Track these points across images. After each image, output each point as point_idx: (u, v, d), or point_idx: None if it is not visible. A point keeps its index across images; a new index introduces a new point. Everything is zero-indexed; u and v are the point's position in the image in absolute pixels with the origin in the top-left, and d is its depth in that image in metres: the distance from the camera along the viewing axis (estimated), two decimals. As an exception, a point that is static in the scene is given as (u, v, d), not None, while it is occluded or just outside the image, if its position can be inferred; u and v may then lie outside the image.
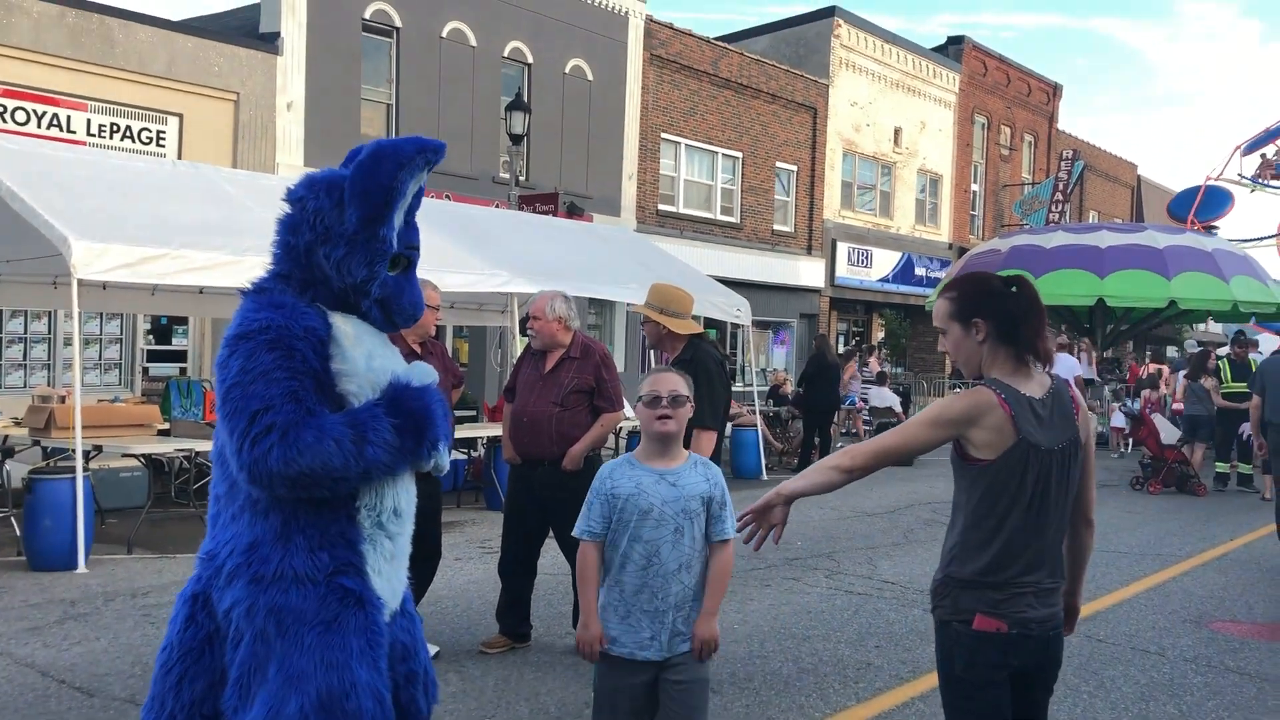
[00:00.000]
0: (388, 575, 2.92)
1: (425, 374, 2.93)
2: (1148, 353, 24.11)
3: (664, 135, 21.46)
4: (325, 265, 2.90)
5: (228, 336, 2.81)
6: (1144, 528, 10.56)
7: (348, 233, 2.88)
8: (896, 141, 27.99)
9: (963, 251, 27.42)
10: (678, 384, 3.34)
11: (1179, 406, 15.55)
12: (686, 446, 3.50)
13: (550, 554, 6.14)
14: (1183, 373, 14.89)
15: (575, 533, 3.34)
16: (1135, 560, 8.78)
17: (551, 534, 5.76)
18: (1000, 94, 31.80)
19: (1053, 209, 30.06)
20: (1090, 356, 19.78)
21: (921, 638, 6.15)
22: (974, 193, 31.49)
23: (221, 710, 2.83)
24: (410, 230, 2.99)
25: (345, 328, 2.87)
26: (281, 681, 2.70)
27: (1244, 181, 29.26)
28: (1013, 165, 32.92)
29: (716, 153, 22.84)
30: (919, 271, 28.55)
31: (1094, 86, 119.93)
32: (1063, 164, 30.59)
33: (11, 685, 4.92)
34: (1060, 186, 30.24)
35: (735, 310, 13.96)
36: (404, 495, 2.96)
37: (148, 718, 2.90)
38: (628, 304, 13.30)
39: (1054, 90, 34.42)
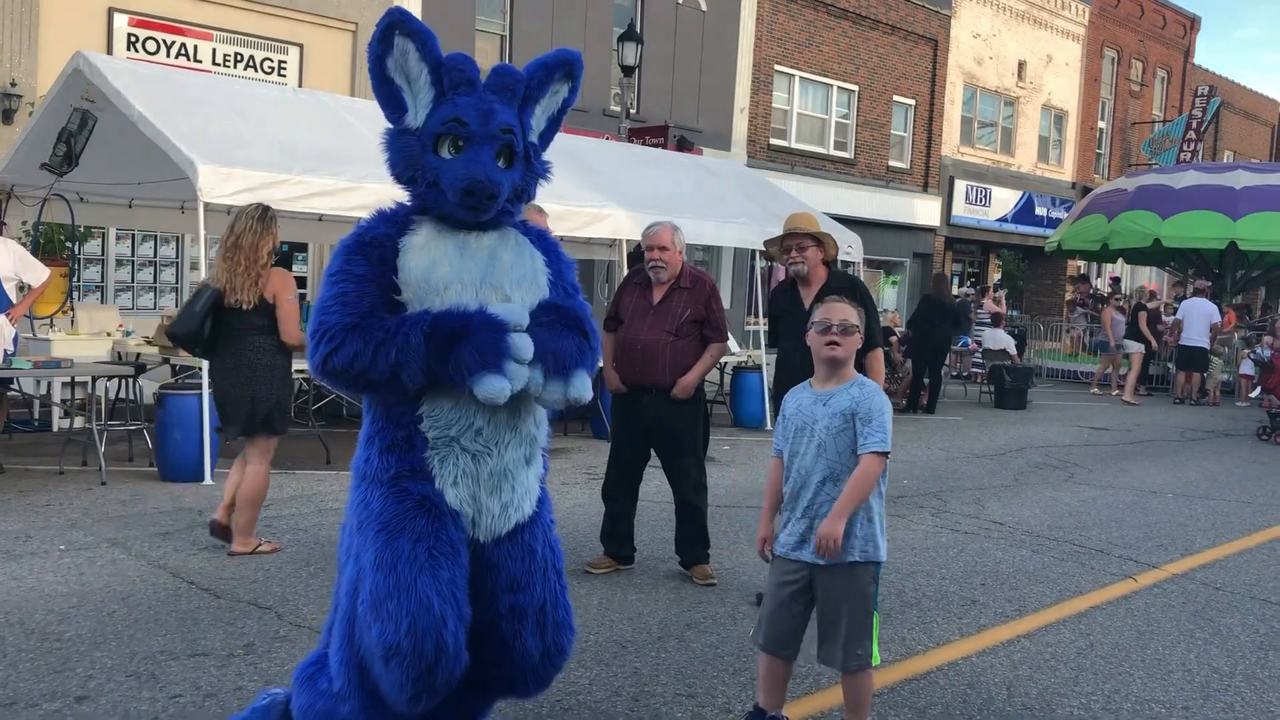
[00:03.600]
0: (471, 491, 2.91)
1: (507, 310, 2.84)
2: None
3: (777, 67, 21.06)
4: (390, 173, 3.06)
5: None
6: (1270, 479, 10.17)
7: (387, 134, 3.05)
8: (1020, 75, 26.98)
9: (1086, 191, 26.43)
10: (848, 313, 3.52)
11: None
12: (860, 369, 3.90)
13: (655, 481, 6.21)
14: None
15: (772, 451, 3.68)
16: (1259, 510, 8.47)
17: (657, 460, 5.80)
18: (1133, 26, 30.33)
19: (1184, 148, 28.74)
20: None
21: (1029, 578, 6.06)
22: (1101, 130, 30.25)
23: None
24: (447, 106, 2.94)
25: (417, 238, 2.94)
26: (356, 574, 2.87)
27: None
28: (1143, 102, 31.48)
29: (832, 85, 22.35)
30: (1039, 211, 27.65)
31: (1236, 18, 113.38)
32: (1197, 100, 29.15)
33: (146, 584, 5.20)
34: (1194, 124, 28.86)
35: (847, 247, 13.71)
36: (490, 416, 2.90)
37: (338, 587, 3.07)
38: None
39: (1191, 23, 32.68)
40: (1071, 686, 4.39)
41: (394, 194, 3.15)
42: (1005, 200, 26.79)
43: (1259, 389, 14.43)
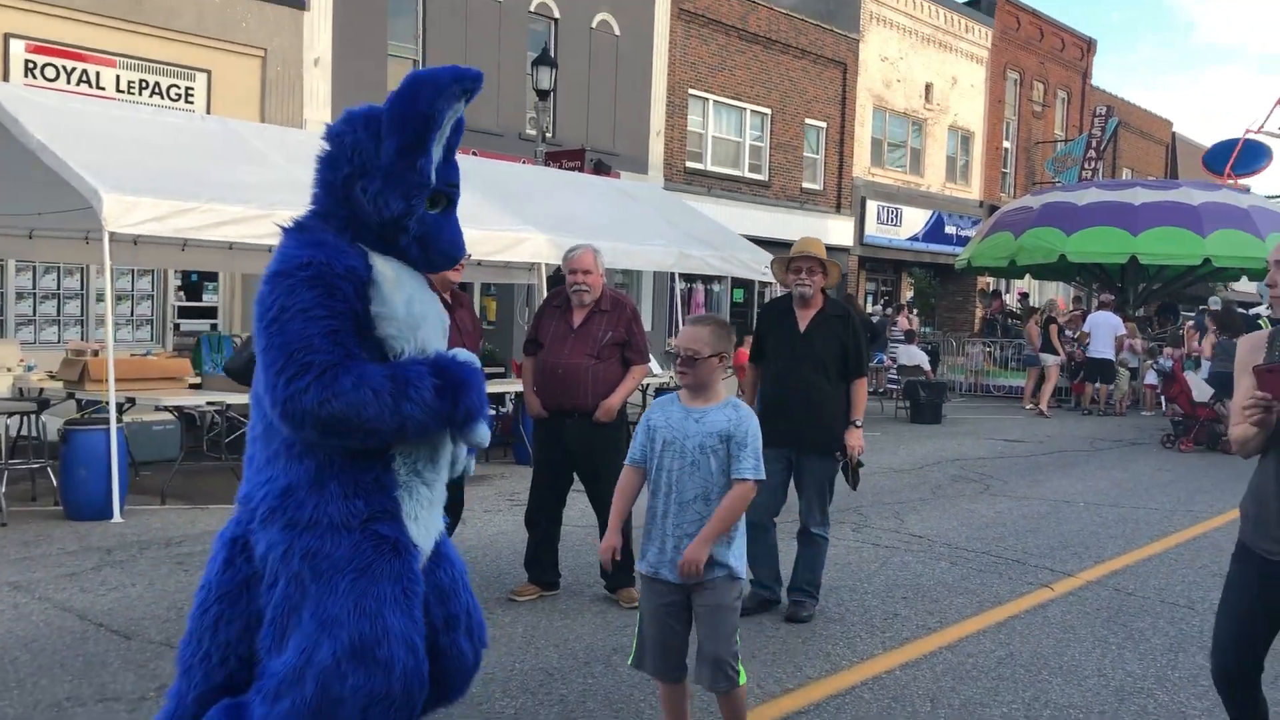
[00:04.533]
0: (424, 521, 2.92)
1: (469, 356, 2.96)
2: (1180, 312, 23.83)
3: (691, 91, 21.27)
4: (363, 200, 2.85)
5: (267, 273, 2.78)
6: (1175, 485, 10.49)
7: (384, 165, 2.83)
8: (928, 97, 27.63)
9: (994, 209, 27.11)
10: (697, 343, 3.49)
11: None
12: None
13: (579, 505, 6.18)
14: (1212, 330, 14.70)
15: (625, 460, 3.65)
16: (1165, 516, 8.73)
17: (579, 484, 5.78)
18: (1033, 49, 31.29)
19: (1086, 166, 29.66)
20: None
21: (949, 590, 6.16)
22: (1006, 150, 31.08)
23: (257, 651, 2.86)
24: (450, 167, 2.94)
25: (386, 270, 2.83)
26: (315, 626, 2.71)
27: (1283, 135, 28.78)
28: (1045, 122, 32.44)
29: (745, 109, 22.62)
30: (949, 230, 28.28)
31: (1129, 41, 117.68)
32: (1096, 120, 30.13)
33: (51, 628, 5.01)
34: (1093, 143, 29.82)
35: (762, 268, 13.87)
36: (440, 444, 2.96)
37: (184, 654, 2.94)
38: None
39: (1088, 45, 33.83)
40: (993, 696, 4.46)
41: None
42: (916, 220, 27.35)
43: (1163, 398, 14.92)
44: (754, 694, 4.37)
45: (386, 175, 2.84)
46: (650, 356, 6.05)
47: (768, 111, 23.09)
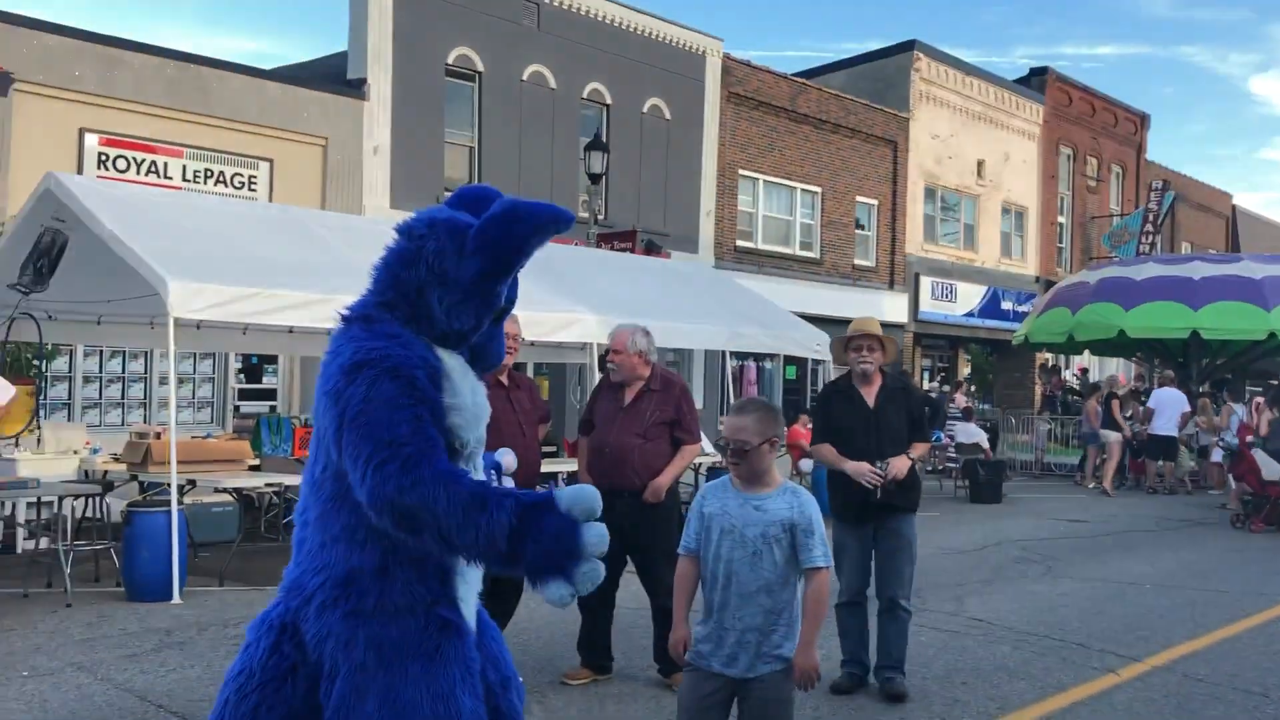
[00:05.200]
0: (469, 600, 2.91)
1: (588, 502, 2.63)
2: (1247, 389, 23.31)
3: (742, 172, 21.51)
4: (436, 307, 2.86)
5: (343, 364, 2.76)
6: (1246, 566, 10.19)
7: (465, 281, 2.85)
8: (980, 174, 27.66)
9: (1050, 284, 26.90)
10: (742, 433, 3.41)
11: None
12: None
13: (631, 587, 6.14)
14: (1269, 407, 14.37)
15: (679, 548, 3.56)
16: (1236, 599, 8.47)
17: (632, 566, 5.76)
18: (1086, 124, 31.28)
19: (1143, 240, 29.39)
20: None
21: (1011, 674, 6.01)
22: (1060, 225, 30.94)
23: None
24: (514, 287, 3.00)
25: (452, 362, 2.87)
26: (390, 714, 2.69)
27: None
28: (1100, 197, 32.29)
29: (795, 188, 22.81)
30: (1005, 305, 28.08)
31: (1184, 115, 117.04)
32: (1152, 194, 29.94)
33: (113, 709, 5.06)
34: (1150, 217, 29.58)
35: (815, 346, 13.87)
36: None
37: None
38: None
39: (1141, 120, 33.75)
40: (1058, 786, 4.33)
41: None
42: (971, 295, 27.21)
43: (1231, 477, 14.53)
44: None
45: (466, 292, 2.86)
46: (702, 436, 6.05)
47: (818, 190, 23.25)
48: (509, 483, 4.02)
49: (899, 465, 5.56)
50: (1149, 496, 16.68)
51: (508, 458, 3.56)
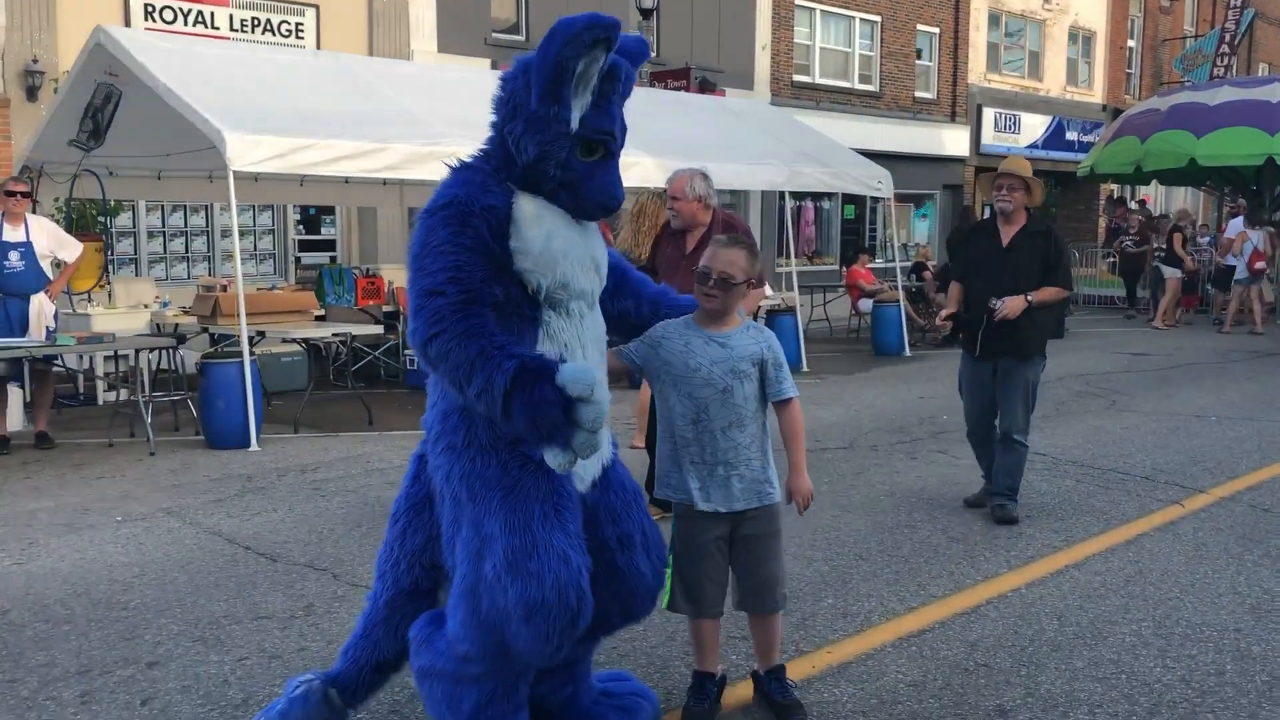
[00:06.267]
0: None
1: (581, 379, 2.78)
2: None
3: (798, 2, 20.72)
4: (509, 142, 2.94)
5: (422, 210, 2.94)
6: (1314, 397, 10.06)
7: (529, 111, 2.89)
8: (1046, -3, 26.39)
9: (1118, 113, 25.91)
10: (732, 266, 3.32)
11: None
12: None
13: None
14: None
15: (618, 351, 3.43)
16: (1305, 430, 8.40)
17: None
18: (1161, -61, 29.53)
19: (1218, 63, 28.01)
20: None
21: (1075, 508, 6.06)
22: (1130, 49, 29.58)
23: (441, 562, 3.07)
24: (603, 116, 2.93)
25: (527, 207, 2.90)
26: (478, 542, 2.87)
27: None
28: (1174, 18, 30.72)
29: (853, 17, 21.97)
30: (1070, 136, 27.18)
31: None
32: (1230, 13, 28.38)
33: (203, 551, 5.30)
34: (1227, 38, 28.12)
35: (876, 183, 13.59)
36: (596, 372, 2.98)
37: (381, 560, 3.19)
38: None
39: (1222, -69, 31.77)
40: (1123, 614, 4.40)
41: (419, 152, 2.99)
42: (1035, 126, 26.34)
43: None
44: (877, 613, 4.40)
45: (529, 121, 2.90)
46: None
47: (877, 19, 22.38)
48: None
49: (1010, 305, 5.61)
50: (1216, 329, 16.41)
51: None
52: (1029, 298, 5.66)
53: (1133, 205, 26.53)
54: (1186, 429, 8.44)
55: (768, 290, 6.71)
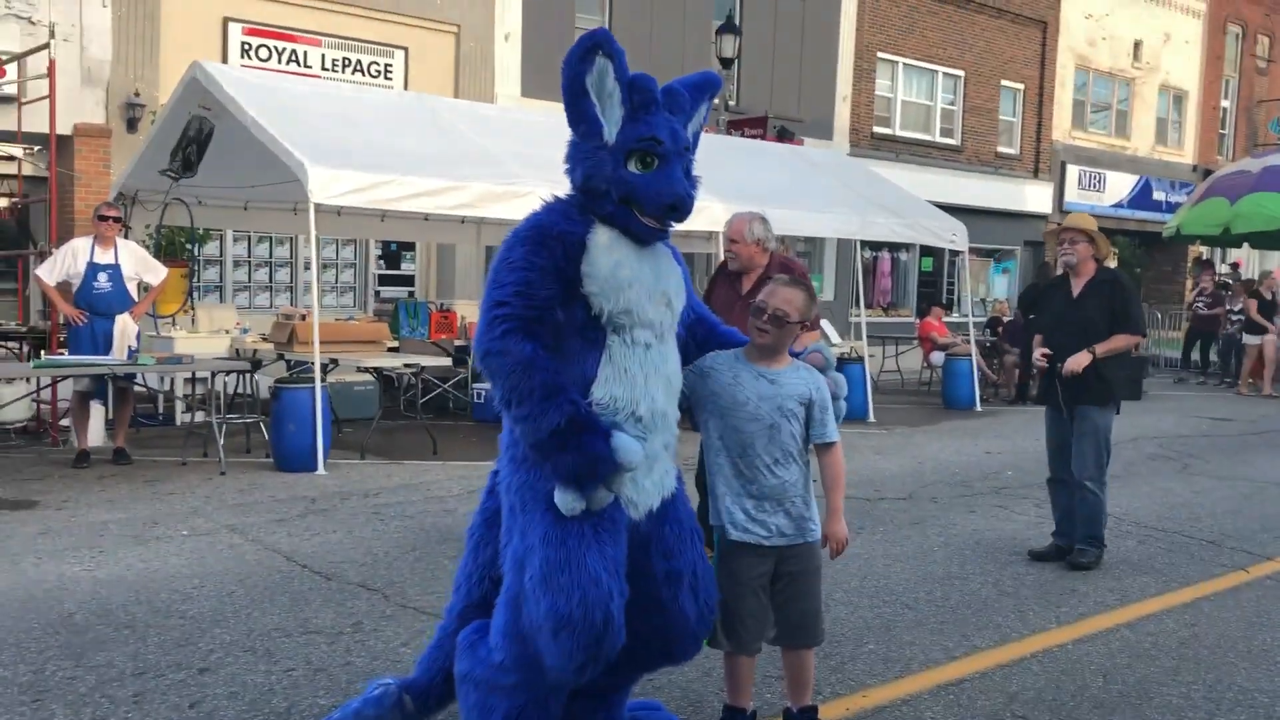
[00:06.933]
0: (634, 475, 3.05)
1: (634, 450, 2.92)
2: None
3: (880, 54, 20.79)
4: (569, 177, 3.13)
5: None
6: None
7: (570, 142, 3.11)
8: (1136, 56, 26.09)
9: (1208, 173, 25.43)
10: (788, 304, 3.36)
11: None
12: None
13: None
14: None
15: None
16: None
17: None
18: (1257, 0, 29.05)
19: (1315, 126, 27.40)
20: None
21: (1134, 569, 5.94)
22: (1224, 109, 29.05)
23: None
24: (639, 124, 3.04)
25: (602, 236, 3.05)
26: (523, 552, 2.97)
27: None
28: (1271, 79, 30.10)
29: (936, 71, 21.95)
30: (1158, 196, 26.70)
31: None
32: (1328, 75, 27.78)
33: (262, 567, 5.46)
34: (1324, 100, 27.51)
35: (950, 235, 13.53)
36: (648, 403, 3.07)
37: (458, 574, 3.33)
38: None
39: (1321, -7, 31.13)
40: (1172, 676, 4.31)
41: (494, 191, 3.13)
42: (1121, 185, 25.94)
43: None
44: (917, 661, 4.37)
45: (571, 149, 3.11)
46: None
47: (961, 74, 22.33)
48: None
49: (1074, 361, 5.81)
50: (1303, 397, 15.93)
51: (814, 356, 3.58)
52: (1096, 349, 5.79)
53: (1223, 268, 25.96)
54: (1261, 495, 8.22)
55: (832, 335, 6.73)
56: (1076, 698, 4.04)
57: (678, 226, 3.16)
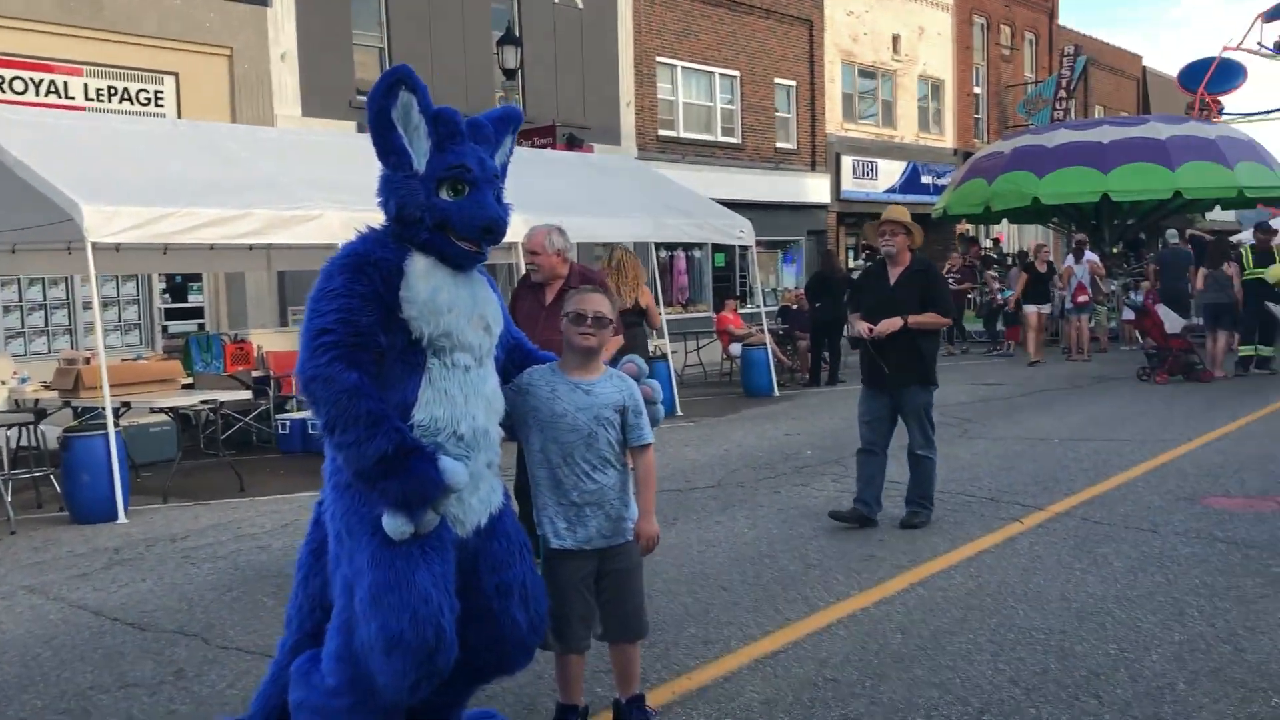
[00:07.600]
0: (465, 497, 3.16)
1: (460, 474, 3.04)
2: (1159, 245, 23.96)
3: (659, 59, 21.35)
4: (383, 209, 3.25)
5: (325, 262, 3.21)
6: (1147, 416, 10.78)
7: (381, 176, 3.23)
8: (895, 49, 27.70)
9: (968, 156, 27.27)
10: (603, 306, 3.57)
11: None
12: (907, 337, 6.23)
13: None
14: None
15: None
16: (1136, 447, 9.01)
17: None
18: (998, -7, 31.30)
19: (1057, 107, 29.73)
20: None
21: (925, 531, 6.44)
22: (977, 96, 31.17)
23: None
24: (446, 154, 3.17)
25: (419, 263, 3.16)
26: (352, 576, 3.04)
27: (1264, 51, 28.92)
28: (1014, 65, 32.52)
29: (714, 73, 22.71)
30: (925, 180, 28.42)
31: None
32: (1064, 60, 30.21)
33: (68, 625, 5.25)
34: (1063, 83, 29.89)
35: (738, 232, 14.09)
36: (469, 422, 3.17)
37: (288, 608, 3.35)
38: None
39: (1053, -15, 33.83)
40: (961, 624, 4.74)
41: (281, 216, 3.12)
42: (891, 172, 27.49)
43: (1137, 332, 15.17)
44: (735, 639, 4.64)
45: (383, 181, 3.22)
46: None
47: (736, 74, 23.17)
48: None
49: (887, 324, 6.41)
50: (1065, 357, 17.34)
51: (628, 366, 3.71)
52: (909, 319, 6.39)
53: (987, 243, 27.90)
54: (1032, 452, 8.98)
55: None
56: (880, 655, 4.39)
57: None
